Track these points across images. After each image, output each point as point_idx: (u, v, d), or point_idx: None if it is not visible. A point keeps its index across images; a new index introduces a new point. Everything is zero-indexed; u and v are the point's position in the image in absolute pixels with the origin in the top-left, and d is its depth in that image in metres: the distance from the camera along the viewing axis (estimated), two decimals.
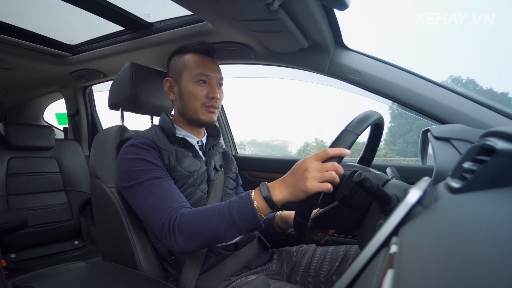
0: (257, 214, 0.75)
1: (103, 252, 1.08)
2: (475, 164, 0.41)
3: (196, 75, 1.00)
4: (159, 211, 0.83)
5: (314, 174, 0.69)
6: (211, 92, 1.00)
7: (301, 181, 0.70)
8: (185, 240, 0.78)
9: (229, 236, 0.78)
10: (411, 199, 0.42)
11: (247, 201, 0.76)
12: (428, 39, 42.08)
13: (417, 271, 0.23)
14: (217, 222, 0.76)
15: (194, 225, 0.78)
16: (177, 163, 0.95)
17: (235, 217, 0.75)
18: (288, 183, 0.73)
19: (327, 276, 0.98)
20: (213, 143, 1.11)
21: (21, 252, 1.91)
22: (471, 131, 0.84)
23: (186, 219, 0.79)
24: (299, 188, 0.70)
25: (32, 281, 0.86)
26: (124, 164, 0.92)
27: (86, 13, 1.28)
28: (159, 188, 0.87)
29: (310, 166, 0.70)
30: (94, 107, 2.44)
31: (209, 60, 1.04)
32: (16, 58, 1.71)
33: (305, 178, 0.69)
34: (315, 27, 1.02)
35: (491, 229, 0.24)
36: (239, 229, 0.76)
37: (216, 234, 0.77)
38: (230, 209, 0.76)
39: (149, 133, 1.00)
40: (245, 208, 0.75)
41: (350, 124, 0.73)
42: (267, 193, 0.75)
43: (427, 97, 1.06)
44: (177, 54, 1.06)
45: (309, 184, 0.69)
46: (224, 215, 0.76)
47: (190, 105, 1.01)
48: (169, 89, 1.07)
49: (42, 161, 2.10)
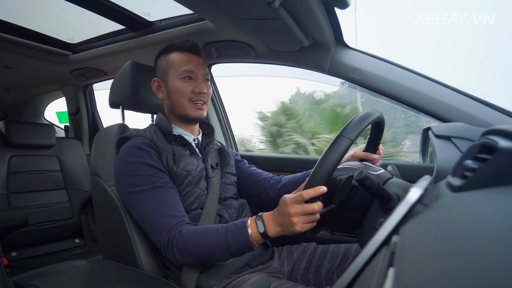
0: (251, 244, 0.81)
1: (104, 251, 1.08)
2: (476, 162, 0.41)
3: (182, 72, 1.02)
4: (158, 225, 0.87)
5: (299, 218, 0.75)
6: (197, 87, 1.02)
7: (289, 225, 0.76)
8: (182, 256, 0.84)
9: (223, 259, 0.86)
10: (411, 197, 0.42)
11: (243, 232, 0.81)
12: (428, 39, 41.51)
13: (418, 269, 0.23)
14: (213, 247, 0.82)
15: (191, 246, 0.83)
16: (174, 164, 0.97)
17: (230, 245, 0.81)
18: (280, 223, 0.78)
19: (328, 274, 0.98)
20: (208, 141, 1.12)
21: (22, 250, 1.92)
22: (472, 129, 0.84)
23: (184, 240, 0.84)
24: (289, 230, 0.77)
25: (33, 279, 0.86)
26: (124, 167, 0.93)
27: (87, 12, 1.28)
28: (159, 200, 0.89)
29: (292, 211, 0.74)
30: (95, 105, 2.45)
31: (193, 57, 1.05)
32: (17, 56, 1.71)
33: (292, 223, 0.75)
34: (316, 25, 1.02)
35: (492, 227, 0.24)
36: (233, 254, 0.84)
37: (211, 257, 0.84)
38: (227, 238, 0.82)
39: (148, 132, 1.00)
40: (241, 239, 0.81)
41: (344, 128, 0.72)
42: (263, 229, 0.80)
43: (428, 96, 1.06)
44: (162, 54, 1.08)
45: (298, 228, 0.75)
46: (220, 242, 0.82)
47: (178, 102, 1.03)
48: (157, 89, 1.09)
49: (43, 159, 2.10)
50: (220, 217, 1.00)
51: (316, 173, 0.72)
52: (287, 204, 0.75)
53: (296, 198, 0.74)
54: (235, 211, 1.06)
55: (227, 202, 1.06)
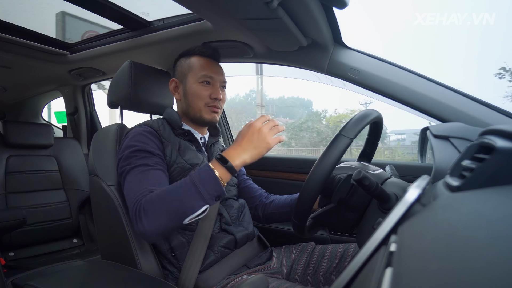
0: (219, 181, 0.80)
1: (102, 251, 1.08)
2: (474, 162, 0.41)
3: (201, 77, 1.04)
4: (131, 196, 0.85)
5: (268, 131, 0.82)
6: (214, 92, 1.04)
7: (261, 141, 0.81)
8: (149, 220, 0.79)
9: (195, 206, 0.79)
10: (410, 197, 0.42)
11: (207, 169, 0.81)
12: (427, 39, 41.44)
13: (416, 269, 0.23)
14: (181, 194, 0.79)
15: (158, 203, 0.79)
16: (179, 155, 0.98)
17: (198, 186, 0.79)
18: (246, 148, 0.82)
19: (326, 274, 0.98)
20: (214, 141, 1.15)
21: (20, 250, 1.91)
22: (470, 129, 0.84)
23: (149, 199, 0.81)
24: (261, 147, 0.82)
25: (31, 279, 0.86)
26: (124, 150, 0.94)
27: (85, 11, 1.28)
28: (145, 175, 0.88)
29: (262, 127, 0.82)
30: (93, 105, 2.44)
31: (213, 63, 1.08)
32: (15, 56, 1.70)
33: (264, 136, 0.81)
34: (314, 25, 1.02)
35: (490, 227, 0.24)
36: (204, 197, 0.79)
37: (181, 206, 0.78)
38: (193, 180, 0.80)
39: (155, 123, 1.02)
40: (207, 177, 0.80)
41: (344, 127, 0.73)
42: (227, 162, 0.81)
43: (426, 96, 1.06)
44: (183, 56, 1.10)
45: (270, 140, 0.82)
46: (187, 186, 0.79)
47: (194, 104, 1.05)
48: (174, 89, 1.11)
49: (41, 159, 2.09)
50: (220, 215, 1.01)
51: (316, 171, 0.72)
52: (254, 125, 0.83)
53: (259, 118, 0.84)
54: (235, 211, 1.06)
55: (228, 202, 1.07)
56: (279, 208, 1.13)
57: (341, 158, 0.73)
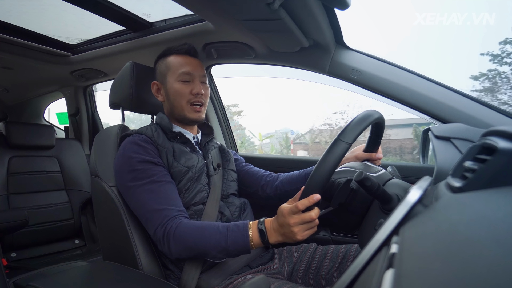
0: (249, 248, 0.82)
1: (104, 251, 1.08)
2: (476, 163, 0.41)
3: (180, 75, 1.05)
4: (155, 217, 0.88)
5: (298, 228, 0.76)
6: (195, 88, 1.05)
7: (290, 235, 0.77)
8: (177, 249, 0.85)
9: (217, 258, 0.85)
10: (411, 198, 0.42)
11: (243, 235, 0.82)
12: (427, 39, 41.33)
13: (418, 270, 0.23)
14: (212, 244, 0.82)
15: (189, 239, 0.84)
16: (175, 160, 0.98)
17: (229, 245, 0.82)
18: (280, 232, 0.79)
19: (328, 275, 0.98)
20: (208, 139, 1.15)
21: (22, 251, 1.91)
22: (472, 130, 0.84)
23: (183, 232, 0.84)
24: (291, 239, 0.78)
25: (33, 280, 0.86)
26: (123, 162, 0.94)
27: (87, 12, 1.29)
28: (157, 193, 0.90)
29: (291, 222, 0.75)
30: (95, 106, 2.45)
31: (191, 59, 1.08)
32: (17, 57, 1.71)
33: (293, 232, 0.76)
34: (316, 26, 1.02)
35: (491, 228, 0.24)
36: (228, 254, 0.84)
37: (206, 253, 0.84)
38: (227, 237, 0.82)
39: (149, 130, 1.02)
40: (241, 241, 0.82)
41: (342, 132, 0.72)
42: (265, 238, 0.81)
43: (428, 96, 1.06)
44: (161, 58, 1.11)
45: (299, 237, 0.76)
46: (219, 240, 0.82)
47: (177, 104, 1.06)
48: (156, 92, 1.11)
49: (43, 160, 2.10)
50: (221, 214, 1.01)
51: (314, 179, 0.72)
52: (284, 215, 0.77)
53: (292, 209, 0.75)
54: (237, 209, 1.06)
55: (230, 199, 1.07)
56: (292, 184, 1.12)
57: (339, 163, 0.72)
